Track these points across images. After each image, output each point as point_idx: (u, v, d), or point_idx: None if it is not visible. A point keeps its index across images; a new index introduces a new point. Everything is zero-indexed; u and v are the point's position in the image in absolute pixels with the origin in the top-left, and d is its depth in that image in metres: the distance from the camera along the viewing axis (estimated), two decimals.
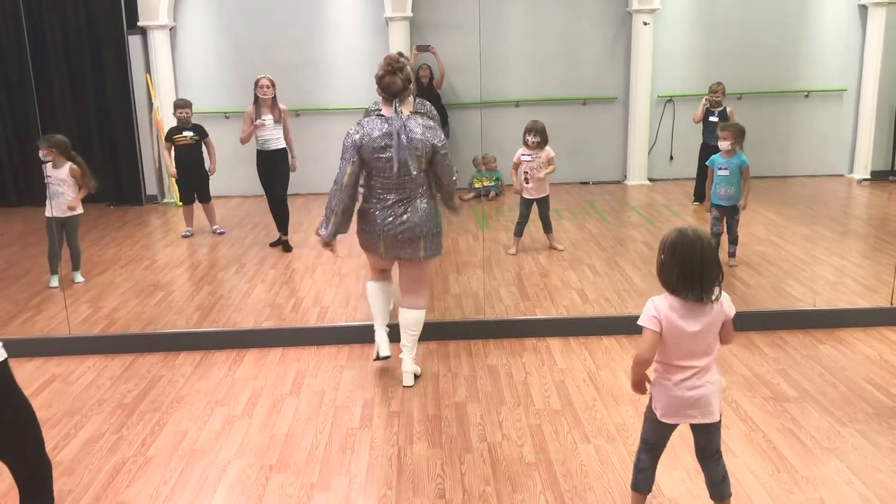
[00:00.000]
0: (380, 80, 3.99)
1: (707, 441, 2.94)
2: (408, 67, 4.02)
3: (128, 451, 3.73)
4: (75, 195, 6.09)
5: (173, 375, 4.58)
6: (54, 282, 6.19)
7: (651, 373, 2.91)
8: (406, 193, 4.06)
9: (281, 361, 4.74)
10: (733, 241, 6.21)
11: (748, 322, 5.04)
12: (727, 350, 4.69)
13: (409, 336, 4.33)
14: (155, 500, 3.33)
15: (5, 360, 2.55)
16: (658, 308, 2.80)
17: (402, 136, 3.93)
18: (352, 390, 4.30)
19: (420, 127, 4.01)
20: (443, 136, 4.14)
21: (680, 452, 3.54)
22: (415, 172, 4.00)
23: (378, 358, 4.40)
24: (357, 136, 4.01)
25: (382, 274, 4.46)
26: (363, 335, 4.82)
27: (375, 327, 4.46)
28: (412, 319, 4.32)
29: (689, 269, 2.73)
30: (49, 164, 6.04)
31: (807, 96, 9.69)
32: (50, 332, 5.25)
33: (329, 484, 3.42)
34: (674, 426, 2.92)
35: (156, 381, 4.50)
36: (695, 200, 8.30)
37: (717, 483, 2.96)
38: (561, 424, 3.88)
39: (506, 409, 4.05)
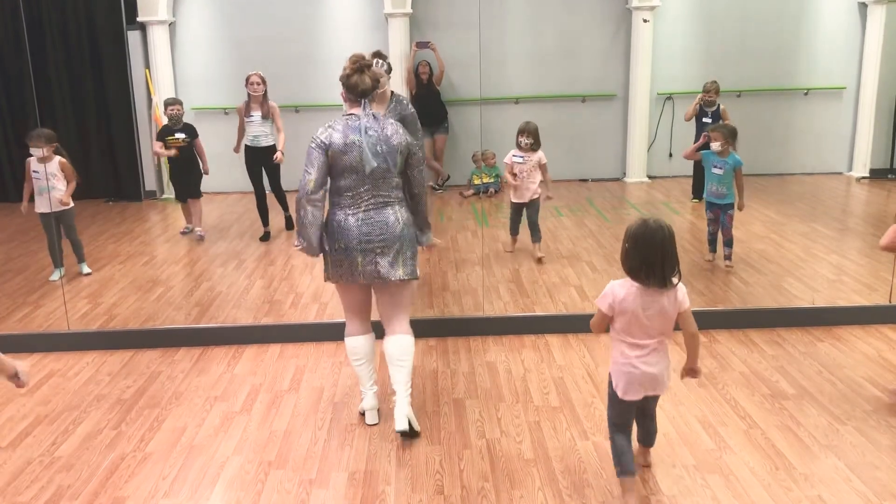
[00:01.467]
0: (346, 79, 3.64)
1: (651, 406, 3.31)
2: (376, 66, 3.71)
3: (127, 447, 3.73)
4: (66, 189, 6.11)
5: (172, 371, 4.57)
6: (55, 276, 6.20)
7: (611, 356, 3.20)
8: (381, 200, 3.64)
9: (280, 357, 4.74)
10: (728, 242, 6.13)
11: (747, 319, 5.06)
12: (725, 348, 4.70)
13: (399, 370, 3.71)
14: (154, 496, 3.33)
15: None
16: (616, 293, 3.05)
17: (371, 132, 3.56)
18: (351, 387, 4.30)
19: (391, 125, 3.66)
20: (416, 139, 3.83)
21: (678, 450, 3.55)
22: (389, 170, 3.61)
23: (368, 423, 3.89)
24: (323, 137, 3.58)
25: (361, 324, 3.85)
26: None
27: (361, 390, 3.90)
28: (402, 347, 3.73)
29: (651, 256, 2.95)
30: (34, 160, 6.03)
31: (806, 94, 9.69)
32: (49, 328, 5.25)
33: (328, 480, 3.42)
34: (635, 402, 3.15)
35: (155, 377, 4.50)
36: (693, 198, 8.30)
37: (651, 433, 3.39)
38: (559, 421, 3.88)
39: (504, 406, 4.05)
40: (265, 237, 7.32)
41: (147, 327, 5.22)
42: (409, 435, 3.70)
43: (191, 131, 7.36)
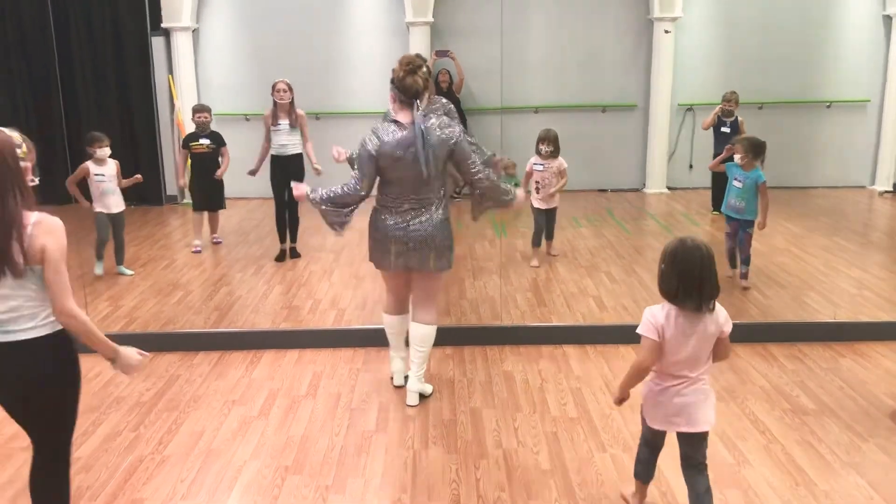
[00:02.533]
0: (400, 81, 3.77)
1: (692, 450, 2.95)
2: (425, 68, 3.82)
3: (145, 449, 3.75)
4: (118, 189, 6.43)
5: (191, 375, 4.60)
6: (98, 269, 6.49)
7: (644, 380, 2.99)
8: (420, 202, 3.88)
9: (297, 363, 4.75)
10: (745, 260, 5.94)
11: (767, 333, 5.02)
12: (745, 362, 4.66)
13: (417, 353, 4.14)
14: (171, 499, 3.34)
15: (63, 329, 2.64)
16: (656, 316, 2.84)
17: (420, 143, 3.72)
18: (367, 393, 4.30)
19: (437, 129, 3.80)
20: (459, 129, 3.89)
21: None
22: (431, 174, 3.80)
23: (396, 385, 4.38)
24: (371, 146, 3.80)
25: (399, 304, 4.25)
26: (379, 338, 4.79)
27: (391, 355, 4.41)
28: (422, 335, 4.13)
29: (689, 278, 2.78)
30: (92, 163, 6.27)
31: (829, 106, 9.62)
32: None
33: (344, 486, 3.42)
34: (662, 432, 3.02)
35: (174, 380, 4.53)
36: (713, 210, 8.25)
37: (701, 494, 2.94)
38: (577, 432, 3.86)
39: (521, 416, 4.04)
40: (280, 257, 6.97)
41: (167, 330, 5.25)
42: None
43: (217, 139, 7.28)
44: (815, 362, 4.67)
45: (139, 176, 6.63)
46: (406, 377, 4.29)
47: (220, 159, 7.29)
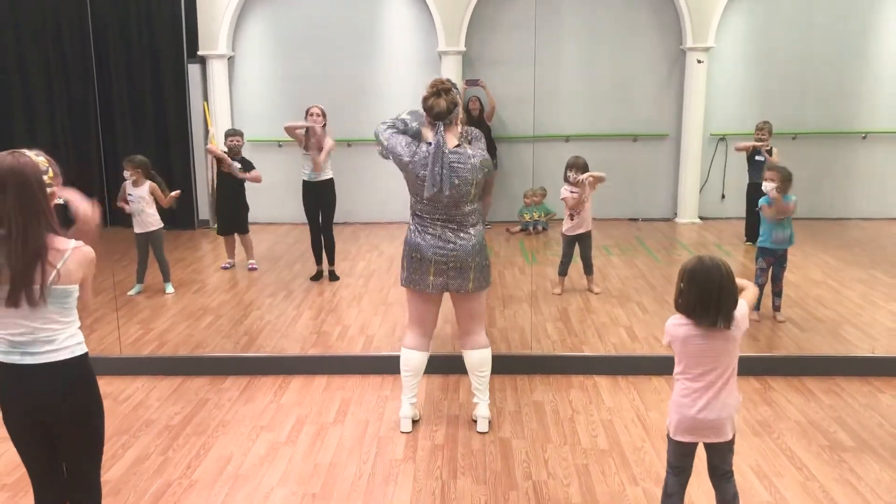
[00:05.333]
0: (424, 101, 3.87)
1: (720, 459, 3.02)
2: (454, 91, 3.88)
3: (173, 474, 3.75)
4: (155, 211, 6.61)
5: (220, 399, 4.61)
6: (134, 290, 6.67)
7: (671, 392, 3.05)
8: (455, 222, 3.92)
9: (326, 389, 4.74)
10: (778, 293, 5.82)
11: (803, 367, 4.91)
12: (781, 395, 4.57)
13: (478, 378, 4.11)
14: None
15: (85, 354, 2.69)
16: (673, 332, 2.95)
17: (437, 166, 3.77)
18: (396, 421, 4.26)
19: (467, 160, 3.83)
20: (489, 160, 3.95)
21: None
22: (463, 196, 3.85)
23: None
24: (406, 156, 3.87)
25: (422, 337, 4.13)
26: None
27: (402, 398, 4.19)
28: (478, 360, 4.10)
29: (707, 295, 2.85)
30: (130, 184, 6.49)
31: (864, 137, 9.49)
32: (101, 352, 5.33)
33: None
34: (693, 446, 3.01)
35: (202, 404, 4.53)
36: (747, 240, 8.14)
37: (729, 501, 3.03)
38: (608, 465, 3.80)
39: (552, 447, 3.98)
40: (317, 276, 7.12)
41: (196, 354, 5.28)
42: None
43: (247, 165, 7.39)
44: (853, 397, 4.56)
45: (177, 192, 6.78)
46: (415, 421, 4.21)
47: (244, 187, 7.39)
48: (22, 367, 2.57)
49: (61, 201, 2.75)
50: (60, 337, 2.61)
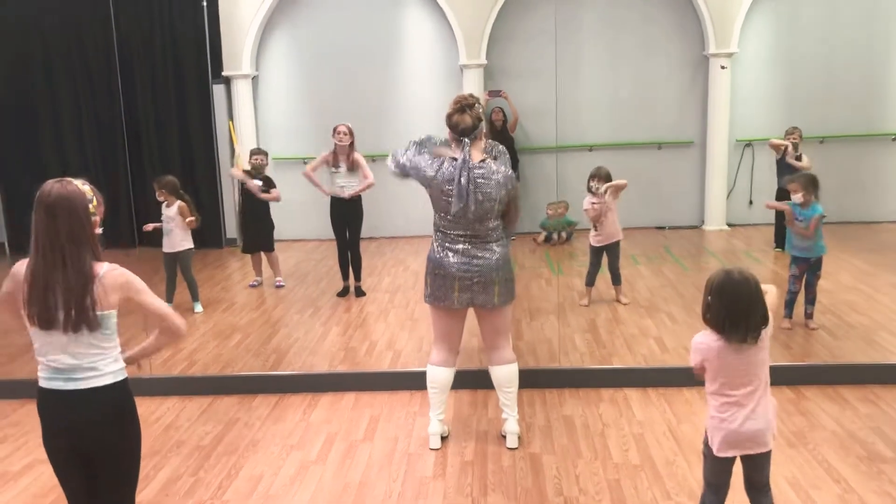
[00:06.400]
0: (449, 118, 3.89)
1: (758, 472, 2.97)
2: (478, 107, 3.90)
3: (205, 494, 3.77)
4: (184, 231, 6.65)
5: (249, 418, 4.62)
6: None
7: (706, 409, 3.00)
8: (479, 238, 3.92)
9: (355, 406, 4.74)
10: (811, 300, 5.72)
11: (837, 375, 4.83)
12: (815, 405, 4.49)
13: (506, 394, 4.08)
14: None
15: (125, 379, 2.73)
16: (701, 348, 2.90)
17: (463, 180, 3.77)
18: (425, 437, 4.24)
19: (492, 175, 3.84)
20: (512, 177, 3.96)
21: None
22: (487, 212, 3.87)
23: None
24: (430, 171, 3.88)
25: (449, 354, 4.12)
26: None
27: (430, 415, 4.17)
28: (505, 376, 4.08)
29: (736, 310, 2.81)
30: (164, 204, 6.59)
31: (894, 139, 9.35)
32: (132, 373, 5.34)
33: None
34: (732, 461, 2.95)
35: (233, 424, 4.55)
36: (776, 247, 8.04)
37: None
38: (641, 480, 3.75)
39: (583, 463, 3.94)
40: (343, 292, 7.14)
41: (226, 374, 5.31)
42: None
43: (269, 183, 7.45)
44: (891, 406, 4.46)
45: (192, 219, 6.71)
46: (443, 438, 4.21)
47: (268, 206, 7.45)
48: (65, 392, 2.61)
49: (100, 231, 2.79)
50: (102, 363, 2.64)
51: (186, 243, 6.72)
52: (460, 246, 3.93)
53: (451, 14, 9.36)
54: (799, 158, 7.62)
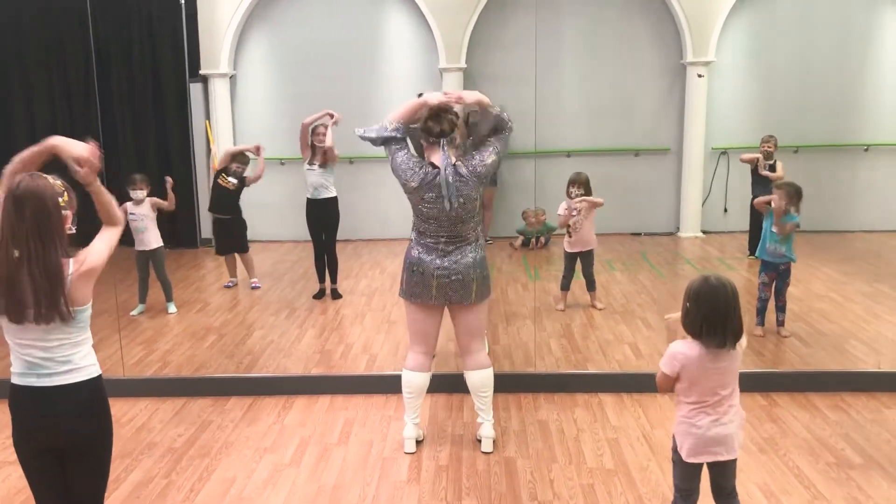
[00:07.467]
0: (423, 124, 3.93)
1: (724, 478, 3.02)
2: (452, 110, 3.93)
3: (177, 497, 3.73)
4: (156, 228, 6.62)
5: (223, 421, 4.59)
6: (136, 311, 6.66)
7: (676, 416, 3.03)
8: (457, 239, 3.94)
9: (329, 409, 4.72)
10: (781, 308, 5.76)
11: (808, 383, 4.89)
12: (786, 412, 4.54)
13: (482, 398, 4.08)
14: None
15: (100, 376, 2.73)
16: (678, 355, 2.93)
17: (451, 178, 3.80)
18: (400, 441, 4.23)
19: (466, 167, 3.87)
20: (488, 155, 3.96)
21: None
22: (466, 214, 3.89)
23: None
24: (408, 176, 3.89)
25: (424, 356, 4.10)
26: None
27: (405, 419, 4.17)
28: (480, 381, 4.07)
29: (714, 316, 2.85)
30: (131, 203, 6.49)
31: (867, 150, 9.50)
32: (104, 373, 5.28)
33: None
34: (701, 467, 3.00)
35: (206, 426, 4.51)
36: (750, 254, 8.13)
37: None
38: (614, 485, 3.77)
39: (557, 467, 3.95)
40: (320, 295, 7.10)
41: (199, 375, 5.26)
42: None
43: (242, 180, 7.38)
44: (860, 413, 4.53)
45: (170, 180, 6.78)
46: (419, 441, 4.20)
47: (243, 195, 7.43)
48: (38, 389, 2.58)
49: (73, 229, 2.75)
50: (76, 357, 2.62)
51: (159, 242, 6.67)
52: (439, 246, 3.95)
53: (431, 17, 9.36)
54: (773, 168, 7.71)
